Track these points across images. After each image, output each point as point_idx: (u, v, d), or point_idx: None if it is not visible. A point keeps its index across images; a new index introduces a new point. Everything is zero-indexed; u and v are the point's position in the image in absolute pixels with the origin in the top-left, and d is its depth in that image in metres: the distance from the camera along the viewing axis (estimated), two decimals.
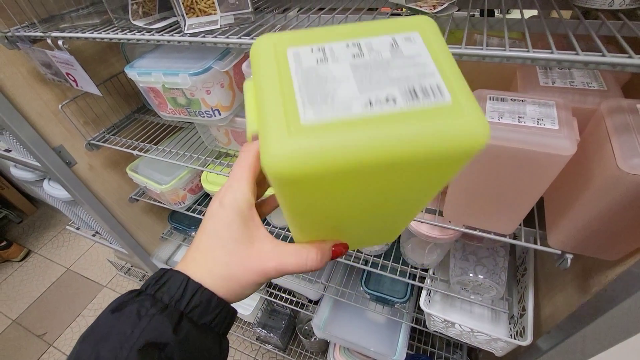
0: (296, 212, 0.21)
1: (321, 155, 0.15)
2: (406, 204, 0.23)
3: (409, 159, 0.16)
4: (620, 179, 0.36)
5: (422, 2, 0.49)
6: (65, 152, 0.89)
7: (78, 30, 0.62)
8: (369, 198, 0.20)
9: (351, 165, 0.15)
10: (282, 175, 0.15)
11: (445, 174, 0.19)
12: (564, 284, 0.65)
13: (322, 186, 0.17)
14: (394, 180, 0.18)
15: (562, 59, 0.33)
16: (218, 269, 0.24)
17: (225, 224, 0.24)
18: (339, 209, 0.21)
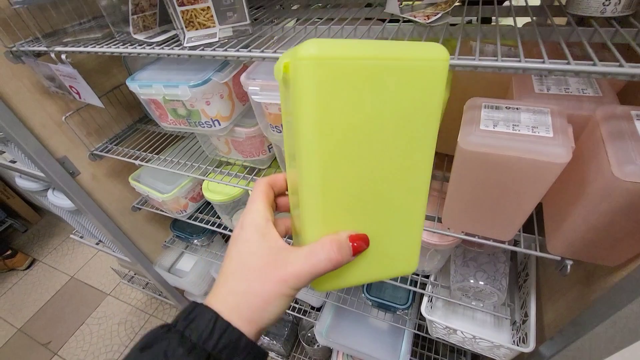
0: (313, 138, 0.23)
1: (334, 47, 0.22)
2: (409, 152, 0.26)
3: (386, 56, 0.22)
4: (615, 186, 0.36)
5: (416, 12, 0.50)
6: (69, 163, 0.91)
7: (80, 45, 0.63)
8: (377, 124, 0.24)
9: (353, 53, 0.22)
10: (310, 57, 0.21)
11: (423, 95, 0.24)
12: (566, 289, 0.65)
13: (337, 79, 0.22)
14: (388, 91, 0.23)
15: (554, 68, 0.34)
16: (240, 286, 0.24)
17: (245, 242, 0.26)
18: (354, 138, 0.24)
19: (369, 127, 0.24)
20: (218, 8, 0.53)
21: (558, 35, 0.41)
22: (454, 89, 0.57)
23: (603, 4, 0.42)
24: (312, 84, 0.21)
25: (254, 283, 0.24)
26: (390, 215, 0.28)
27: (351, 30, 0.51)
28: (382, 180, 0.26)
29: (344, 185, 0.25)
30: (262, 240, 0.26)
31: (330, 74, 0.21)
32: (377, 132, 0.24)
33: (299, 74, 0.21)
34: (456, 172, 0.46)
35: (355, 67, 0.22)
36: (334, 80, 0.22)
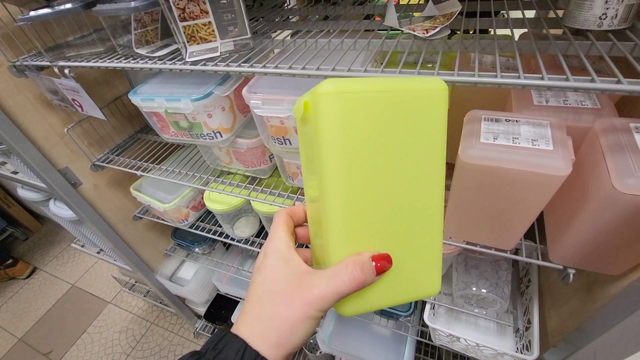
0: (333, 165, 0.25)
1: (349, 84, 0.25)
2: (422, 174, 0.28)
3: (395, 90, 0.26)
4: (615, 198, 0.36)
5: (415, 26, 0.50)
6: (71, 174, 0.91)
7: (83, 59, 0.64)
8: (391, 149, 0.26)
9: (366, 88, 0.25)
10: (328, 93, 0.24)
11: (430, 120, 0.27)
12: (569, 297, 0.65)
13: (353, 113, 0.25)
14: (399, 121, 0.26)
15: (553, 85, 0.34)
16: (265, 313, 0.25)
17: (269, 269, 0.27)
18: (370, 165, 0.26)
19: (385, 152, 0.26)
20: (219, 23, 0.54)
21: (555, 48, 0.42)
22: (454, 101, 0.58)
23: (600, 18, 0.42)
24: (332, 115, 0.24)
25: (280, 308, 0.24)
26: (410, 236, 0.28)
27: (351, 43, 0.52)
28: (400, 202, 0.27)
29: (365, 208, 0.26)
30: (285, 265, 0.26)
31: (347, 105, 0.24)
32: (392, 156, 0.26)
33: (320, 107, 0.24)
34: (457, 183, 0.46)
35: (369, 99, 0.25)
36: (351, 111, 0.24)
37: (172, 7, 0.51)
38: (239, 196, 0.74)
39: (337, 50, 0.52)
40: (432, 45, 0.48)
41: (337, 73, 0.43)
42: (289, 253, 0.27)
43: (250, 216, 0.93)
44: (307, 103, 0.25)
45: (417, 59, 0.56)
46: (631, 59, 0.37)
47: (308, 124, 0.26)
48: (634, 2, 0.41)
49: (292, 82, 0.55)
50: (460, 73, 0.38)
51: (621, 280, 0.49)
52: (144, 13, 0.58)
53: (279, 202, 0.71)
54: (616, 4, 0.41)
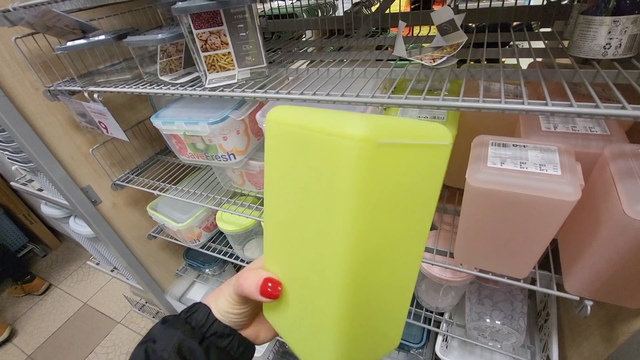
0: (266, 181, 0.26)
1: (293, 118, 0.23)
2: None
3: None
4: (627, 225, 0.35)
5: (423, 56, 0.53)
6: (92, 192, 0.95)
7: (111, 85, 0.69)
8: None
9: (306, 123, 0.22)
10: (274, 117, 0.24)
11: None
12: (590, 332, 0.61)
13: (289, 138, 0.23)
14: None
15: (556, 110, 0.35)
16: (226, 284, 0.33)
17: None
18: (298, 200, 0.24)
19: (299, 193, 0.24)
20: (238, 53, 0.57)
21: (560, 76, 0.43)
22: (462, 125, 0.59)
23: (604, 47, 0.43)
24: (268, 141, 0.25)
25: (226, 284, 0.32)
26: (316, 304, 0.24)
27: (361, 71, 0.54)
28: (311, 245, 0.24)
29: (282, 236, 0.27)
30: (251, 268, 0.32)
31: (276, 136, 0.24)
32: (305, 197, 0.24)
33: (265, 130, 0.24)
34: (466, 208, 0.46)
35: (297, 134, 0.23)
36: (281, 143, 0.24)
37: (195, 39, 0.55)
38: (250, 217, 0.75)
39: (347, 78, 0.54)
40: (439, 74, 0.49)
41: (346, 99, 0.45)
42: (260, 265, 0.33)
43: (261, 238, 0.93)
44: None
45: (427, 87, 0.57)
46: (636, 86, 0.38)
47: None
48: (637, 32, 0.42)
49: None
50: (465, 99, 0.39)
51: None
52: (169, 44, 0.62)
53: None
54: (619, 34, 0.42)
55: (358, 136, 0.19)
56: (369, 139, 0.19)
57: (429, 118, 0.54)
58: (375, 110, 0.55)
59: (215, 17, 0.54)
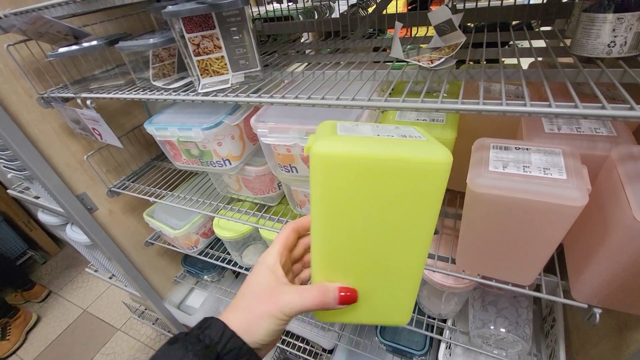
0: (319, 213, 0.29)
1: (344, 146, 0.26)
2: (407, 233, 0.30)
3: (393, 158, 0.26)
4: (638, 230, 0.33)
5: (421, 57, 0.51)
6: (88, 199, 0.94)
7: (104, 91, 0.68)
8: (378, 209, 0.28)
9: (361, 152, 0.26)
10: (321, 154, 0.26)
11: (425, 193, 0.27)
12: (599, 338, 0.59)
13: (343, 172, 0.26)
14: (392, 186, 0.27)
15: (561, 112, 0.33)
16: (242, 303, 0.32)
17: (256, 275, 0.33)
18: (355, 216, 0.29)
19: (368, 209, 0.28)
20: (231, 57, 0.56)
21: (564, 76, 0.41)
22: (462, 127, 0.57)
23: (608, 46, 0.42)
24: (321, 175, 0.27)
25: (254, 303, 0.31)
26: (387, 279, 0.32)
27: (357, 74, 0.53)
28: (379, 252, 0.31)
29: (342, 249, 0.31)
30: (269, 274, 0.33)
31: (339, 168, 0.26)
32: (376, 213, 0.29)
33: (312, 165, 0.27)
34: (467, 213, 0.44)
35: (361, 165, 0.26)
36: (343, 173, 0.27)
37: (187, 43, 0.54)
38: (247, 223, 0.73)
39: (344, 81, 0.53)
40: (438, 75, 0.48)
41: (342, 102, 0.43)
42: (275, 266, 0.33)
43: (259, 244, 0.92)
44: (307, 148, 0.27)
45: (426, 89, 0.56)
46: None
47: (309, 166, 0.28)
48: None
49: (299, 111, 0.56)
50: (465, 101, 0.38)
51: None
52: (162, 49, 0.61)
53: None
54: (624, 31, 0.40)
55: (447, 160, 0.26)
56: (449, 162, 0.26)
57: (428, 121, 0.52)
58: (372, 113, 0.53)
59: (208, 20, 0.53)
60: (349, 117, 0.51)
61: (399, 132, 0.30)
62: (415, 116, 0.53)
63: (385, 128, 0.32)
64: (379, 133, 0.29)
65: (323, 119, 0.55)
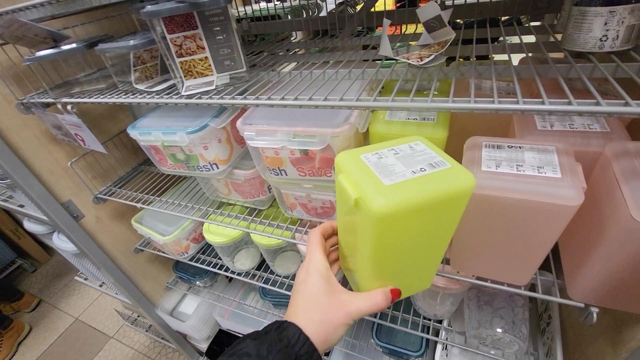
0: (374, 250, 0.34)
1: (397, 199, 0.29)
2: (437, 239, 0.36)
3: (435, 197, 0.30)
4: (636, 230, 0.33)
5: (410, 54, 0.50)
6: (74, 207, 0.91)
7: (85, 95, 0.65)
8: (419, 233, 0.34)
9: (411, 201, 0.29)
10: (381, 213, 0.29)
11: (455, 209, 0.33)
12: (596, 336, 0.59)
13: (397, 220, 0.31)
14: (431, 214, 0.32)
15: (554, 109, 0.32)
16: (316, 316, 0.35)
17: (314, 285, 0.36)
18: (401, 245, 0.34)
19: (413, 235, 0.34)
20: (216, 58, 0.54)
21: (556, 72, 0.40)
22: (454, 125, 0.56)
23: (600, 40, 0.41)
24: (380, 227, 0.31)
25: (329, 315, 0.35)
26: (420, 271, 0.41)
27: (346, 73, 0.51)
28: (418, 258, 0.38)
29: (390, 264, 0.37)
30: (327, 284, 0.36)
31: (394, 218, 0.30)
32: (417, 235, 0.34)
33: (373, 221, 0.30)
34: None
35: (410, 210, 0.30)
36: (396, 219, 0.30)
37: (169, 44, 0.52)
38: (238, 228, 0.71)
39: (332, 80, 0.51)
40: (428, 73, 0.47)
41: (329, 103, 0.42)
42: (328, 274, 0.37)
43: (250, 248, 0.90)
44: (357, 201, 0.30)
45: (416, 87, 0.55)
46: (638, 80, 0.35)
47: (356, 213, 0.32)
48: (635, 22, 0.39)
49: (287, 112, 0.54)
50: (456, 99, 0.37)
51: None
52: (143, 50, 0.59)
53: (278, 233, 0.68)
54: (616, 25, 0.39)
55: (471, 184, 0.31)
56: (474, 185, 0.31)
57: (419, 120, 0.51)
58: (361, 113, 0.52)
59: (190, 20, 0.51)
60: (338, 116, 0.49)
61: (424, 159, 0.33)
62: (406, 115, 0.52)
63: (408, 158, 0.34)
64: (412, 169, 0.32)
65: (312, 119, 0.53)
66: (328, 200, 0.59)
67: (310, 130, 0.48)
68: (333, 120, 0.49)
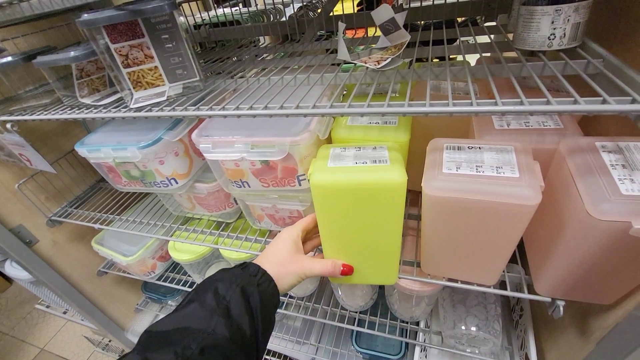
0: (323, 219, 0.45)
1: (329, 177, 0.40)
2: (382, 230, 0.44)
3: (360, 182, 0.39)
4: (592, 226, 0.33)
5: (368, 58, 0.49)
6: (26, 231, 0.84)
7: (27, 112, 0.60)
8: (357, 215, 0.42)
9: (340, 180, 0.39)
10: (314, 184, 0.40)
11: (389, 202, 0.40)
12: (565, 325, 0.60)
13: (330, 193, 0.41)
14: (364, 200, 0.40)
15: (507, 110, 0.32)
16: (275, 260, 0.44)
17: (282, 242, 0.46)
18: (342, 220, 0.44)
19: (353, 214, 0.42)
20: (166, 67, 0.51)
21: (508, 71, 0.40)
22: (417, 127, 0.56)
23: (548, 38, 0.42)
24: (318, 197, 0.42)
25: (285, 261, 0.44)
26: (373, 257, 0.48)
27: (304, 78, 0.50)
28: (366, 241, 0.46)
29: (340, 239, 0.47)
30: (293, 245, 0.46)
31: (328, 192, 0.41)
32: (360, 217, 0.42)
33: (313, 191, 0.41)
34: (426, 217, 0.43)
35: (343, 190, 0.40)
36: (330, 194, 0.41)
37: (114, 54, 0.49)
38: (205, 244, 0.68)
39: (290, 86, 0.49)
40: (386, 76, 0.46)
41: (284, 111, 0.40)
42: (297, 240, 0.47)
43: (221, 262, 0.86)
44: (309, 174, 0.41)
45: (377, 89, 0.54)
46: (585, 77, 0.36)
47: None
48: (580, 20, 0.40)
49: (246, 122, 0.52)
50: (412, 103, 0.36)
51: (615, 310, 0.45)
52: (87, 62, 0.55)
53: (247, 246, 0.65)
54: (562, 23, 0.40)
55: (397, 182, 0.38)
56: (403, 181, 0.38)
57: (380, 123, 0.50)
58: (322, 119, 0.50)
59: (134, 28, 0.48)
60: (298, 124, 0.48)
61: (373, 156, 0.41)
62: (367, 120, 0.51)
63: (364, 153, 0.42)
64: (357, 161, 0.40)
65: (271, 128, 0.51)
66: (295, 209, 0.57)
67: (269, 140, 0.46)
68: (293, 129, 0.47)
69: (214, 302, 0.37)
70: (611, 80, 0.35)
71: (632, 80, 0.34)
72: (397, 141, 0.48)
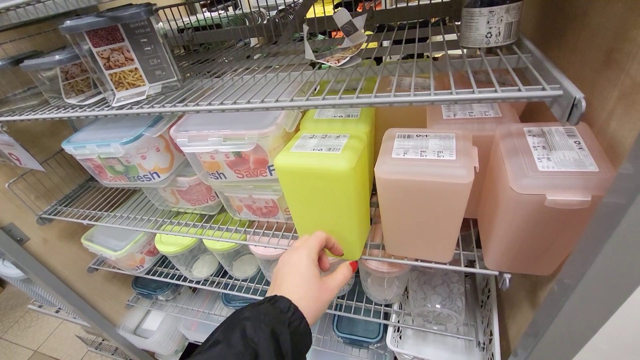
0: (288, 198, 0.51)
1: (289, 159, 0.46)
2: (338, 210, 0.49)
3: (310, 166, 0.45)
4: (515, 200, 0.38)
5: (328, 58, 0.54)
6: (17, 230, 0.87)
7: (16, 113, 0.64)
8: (315, 195, 0.48)
9: (296, 162, 0.45)
10: (276, 164, 0.47)
11: (338, 186, 0.45)
12: (521, 302, 0.65)
13: (290, 173, 0.47)
14: (318, 182, 0.46)
15: (459, 98, 0.36)
16: (310, 294, 0.41)
17: (307, 269, 0.43)
18: (305, 199, 0.49)
19: (313, 196, 0.48)
20: (146, 68, 0.55)
21: (449, 67, 0.45)
22: (380, 120, 0.60)
23: (486, 37, 0.46)
24: (280, 176, 0.48)
25: (320, 295, 0.42)
26: (337, 234, 0.51)
27: (272, 77, 0.54)
28: (325, 219, 0.51)
29: (306, 218, 0.54)
30: (316, 269, 0.44)
31: (289, 172, 0.47)
32: (319, 198, 0.48)
33: (277, 171, 0.48)
34: (381, 200, 0.47)
35: (297, 172, 0.46)
36: (290, 175, 0.47)
37: (96, 57, 0.53)
38: (189, 235, 0.72)
39: (260, 84, 0.54)
40: (345, 73, 0.51)
41: (250, 105, 0.44)
42: (316, 262, 0.45)
43: (207, 255, 0.90)
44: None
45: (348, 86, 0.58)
46: (511, 70, 0.41)
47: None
48: (512, 20, 0.45)
49: (220, 117, 0.56)
50: (378, 95, 0.40)
51: (555, 279, 0.50)
52: (72, 65, 0.59)
53: (227, 236, 0.70)
54: (497, 22, 0.45)
55: (341, 168, 0.43)
56: (347, 169, 0.43)
57: (344, 117, 0.55)
58: (289, 114, 0.55)
59: (114, 33, 0.52)
60: (267, 118, 0.52)
61: (331, 144, 0.46)
62: (332, 113, 0.56)
63: (325, 142, 0.47)
64: (315, 147, 0.46)
65: (243, 122, 0.56)
66: (270, 199, 0.62)
67: (239, 133, 0.50)
68: (262, 122, 0.52)
69: (242, 345, 0.34)
70: (532, 73, 0.40)
71: (548, 73, 0.39)
72: (357, 132, 0.52)
